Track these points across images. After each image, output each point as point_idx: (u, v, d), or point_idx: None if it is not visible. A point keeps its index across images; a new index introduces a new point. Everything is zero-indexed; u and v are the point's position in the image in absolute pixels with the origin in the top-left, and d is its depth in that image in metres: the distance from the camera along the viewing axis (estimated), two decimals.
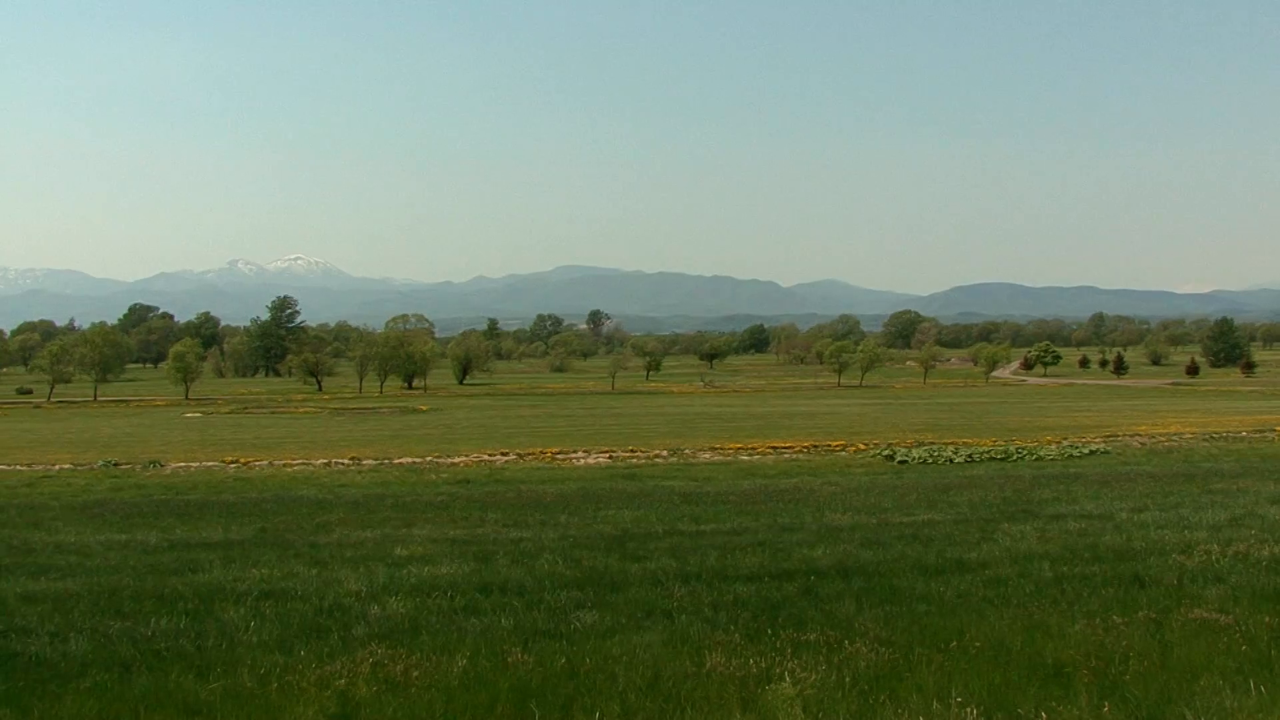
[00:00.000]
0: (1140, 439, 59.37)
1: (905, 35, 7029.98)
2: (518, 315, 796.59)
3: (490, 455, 54.48)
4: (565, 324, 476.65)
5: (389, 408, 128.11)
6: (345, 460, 52.51)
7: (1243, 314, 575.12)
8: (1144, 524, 20.15)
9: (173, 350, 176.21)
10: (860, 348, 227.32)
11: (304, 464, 51.31)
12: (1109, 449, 52.82)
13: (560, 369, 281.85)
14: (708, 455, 53.66)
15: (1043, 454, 50.18)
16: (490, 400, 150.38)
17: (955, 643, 10.65)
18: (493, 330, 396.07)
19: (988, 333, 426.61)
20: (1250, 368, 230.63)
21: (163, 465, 51.10)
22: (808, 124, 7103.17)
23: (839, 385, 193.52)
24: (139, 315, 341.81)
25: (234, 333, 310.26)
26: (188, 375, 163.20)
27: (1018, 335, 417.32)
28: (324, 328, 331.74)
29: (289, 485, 41.40)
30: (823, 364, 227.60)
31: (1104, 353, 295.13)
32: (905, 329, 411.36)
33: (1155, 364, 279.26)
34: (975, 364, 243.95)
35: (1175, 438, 59.42)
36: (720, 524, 22.27)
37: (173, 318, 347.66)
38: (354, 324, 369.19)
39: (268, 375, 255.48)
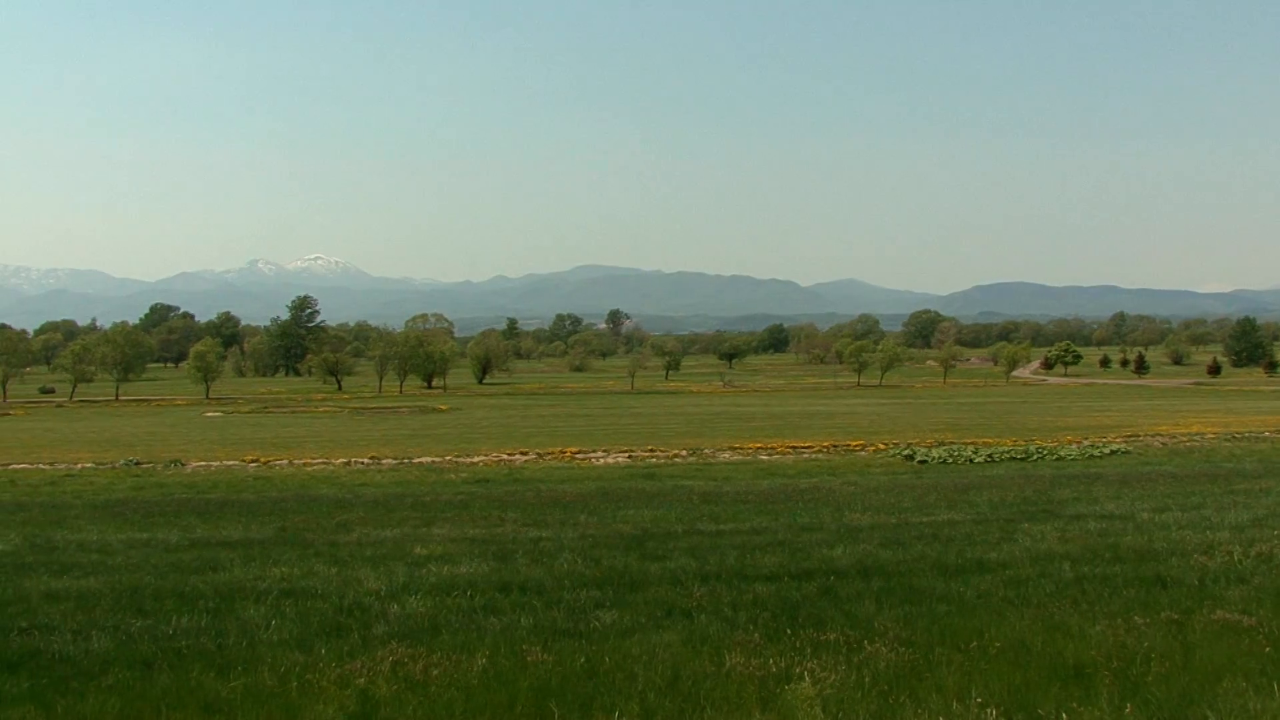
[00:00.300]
0: (1162, 439, 59.12)
1: (925, 33, 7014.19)
2: (537, 315, 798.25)
3: (509, 455, 54.53)
4: (584, 323, 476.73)
5: (408, 407, 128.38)
6: (365, 459, 52.62)
7: (1265, 313, 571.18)
8: (1165, 524, 20.04)
9: (193, 350, 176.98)
10: (880, 347, 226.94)
11: (324, 463, 51.45)
12: (1130, 449, 52.61)
13: (579, 368, 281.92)
14: (727, 455, 53.62)
15: (1063, 454, 49.99)
16: (509, 400, 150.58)
17: (975, 643, 10.62)
18: (512, 330, 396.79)
19: (1008, 332, 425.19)
20: (1273, 367, 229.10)
21: (183, 464, 51.30)
22: (827, 123, 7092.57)
23: (858, 385, 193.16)
24: (160, 315, 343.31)
25: (254, 332, 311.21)
26: (208, 375, 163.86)
27: (1038, 335, 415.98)
28: (344, 327, 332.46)
29: (309, 484, 41.51)
30: (842, 364, 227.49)
31: (1125, 352, 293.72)
32: (925, 328, 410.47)
33: (1177, 364, 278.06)
34: (995, 363, 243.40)
35: (1197, 438, 59.14)
36: (739, 524, 22.22)
37: (193, 317, 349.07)
38: (374, 323, 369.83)
39: (288, 375, 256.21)
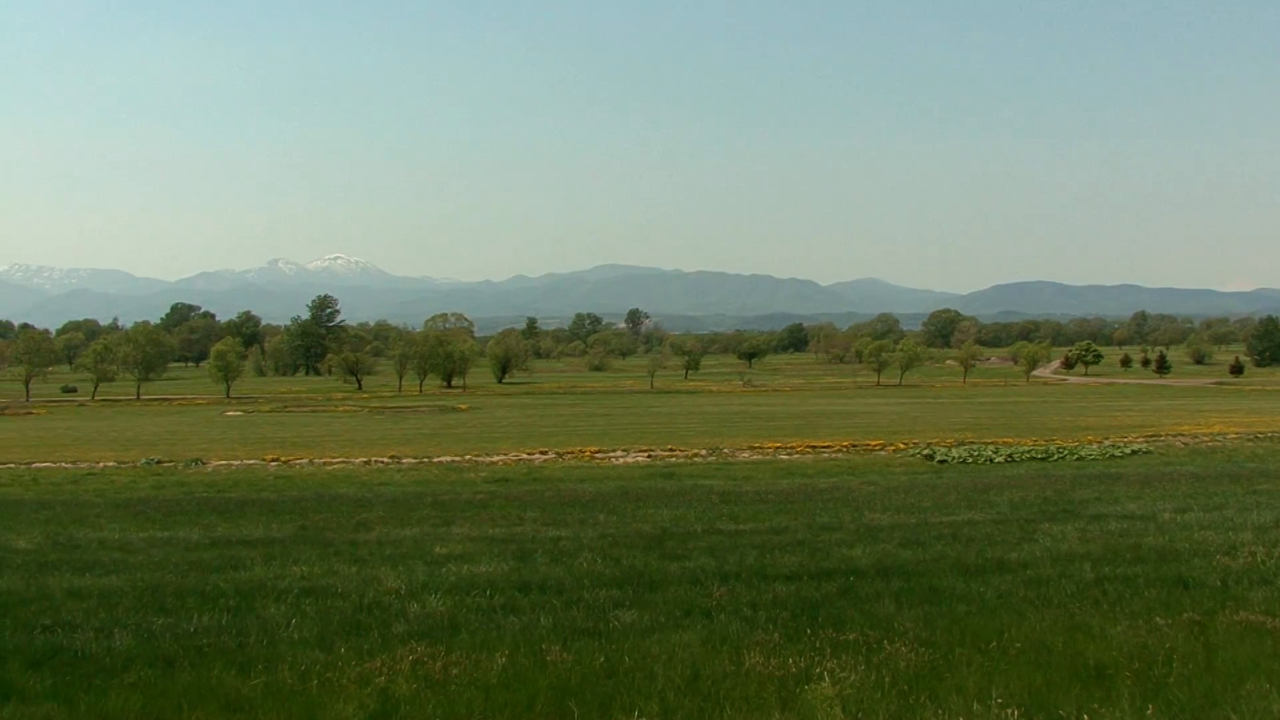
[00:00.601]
0: (1183, 439, 58.89)
1: (945, 32, 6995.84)
2: (557, 314, 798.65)
3: (529, 454, 54.62)
4: (604, 323, 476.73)
5: (428, 406, 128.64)
6: (385, 459, 52.76)
7: None
8: (1187, 525, 19.96)
9: (214, 349, 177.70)
10: (899, 347, 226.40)
11: (344, 462, 51.60)
12: (1151, 449, 52.43)
13: (599, 368, 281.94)
14: (746, 454, 53.61)
15: (1084, 454, 49.84)
16: (529, 399, 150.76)
17: (995, 643, 10.59)
18: (532, 329, 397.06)
19: (1028, 332, 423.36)
20: None
21: (204, 463, 51.51)
22: (849, 123, 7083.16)
23: (878, 384, 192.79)
24: (181, 314, 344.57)
25: (274, 332, 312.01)
26: (229, 374, 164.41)
27: (1058, 334, 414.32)
28: (364, 327, 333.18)
29: (329, 483, 41.64)
30: (862, 363, 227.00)
31: (1146, 352, 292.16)
32: (945, 328, 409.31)
33: (1198, 363, 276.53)
34: (1015, 363, 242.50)
35: (1219, 438, 58.89)
36: (759, 523, 22.22)
37: (214, 317, 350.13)
38: (394, 323, 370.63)
39: (308, 374, 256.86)
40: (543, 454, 54.47)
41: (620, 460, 51.31)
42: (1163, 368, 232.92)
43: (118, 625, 12.33)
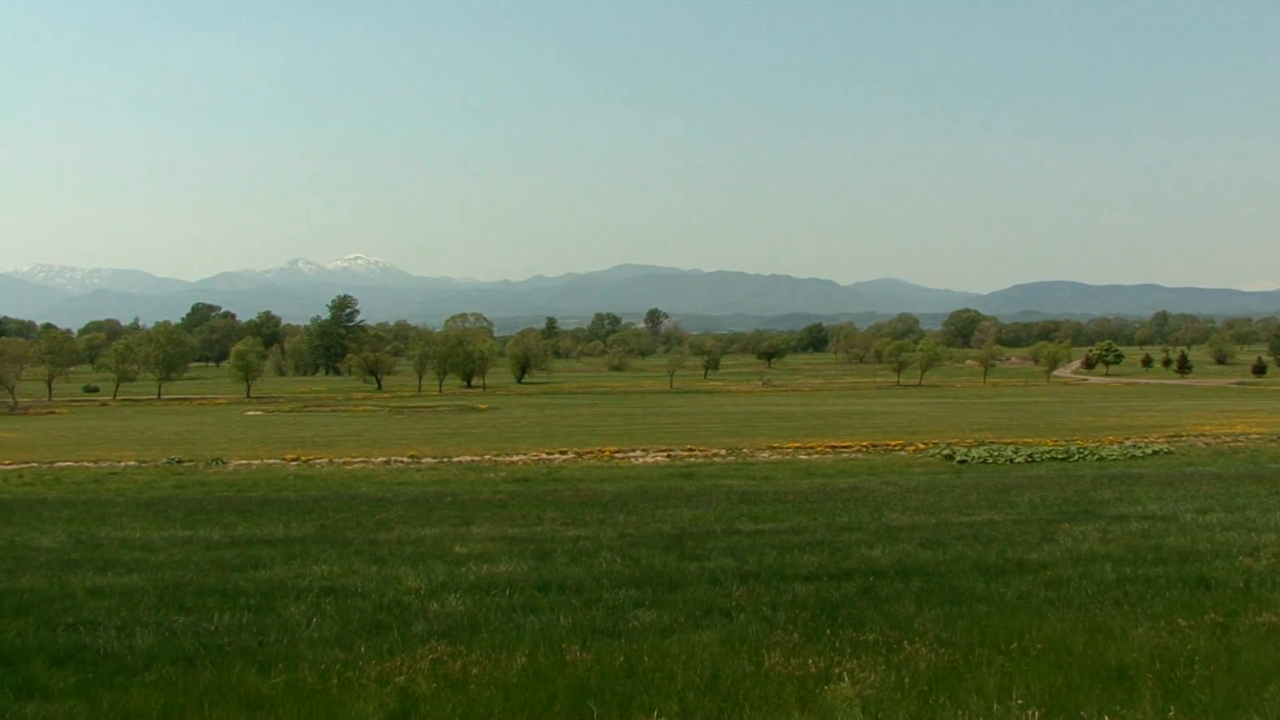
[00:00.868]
0: (1205, 439, 58.64)
1: (965, 32, 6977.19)
2: (576, 314, 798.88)
3: (548, 454, 54.67)
4: (623, 323, 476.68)
5: (448, 406, 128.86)
6: (404, 458, 52.87)
7: None
8: (1209, 525, 19.87)
9: (234, 349, 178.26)
10: (919, 347, 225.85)
11: (364, 462, 51.72)
12: (1172, 449, 52.22)
13: (618, 368, 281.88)
14: (766, 454, 53.57)
15: (1104, 454, 49.67)
16: (548, 399, 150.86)
17: (1016, 644, 10.56)
18: (551, 329, 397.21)
19: (1048, 331, 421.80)
20: None
21: (225, 463, 51.69)
22: (868, 122, 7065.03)
23: (898, 384, 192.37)
24: (201, 314, 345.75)
25: (295, 332, 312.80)
26: (249, 374, 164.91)
27: (1079, 334, 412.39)
28: (383, 327, 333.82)
29: (349, 483, 41.73)
30: (881, 363, 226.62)
31: (1167, 352, 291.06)
32: (965, 328, 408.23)
33: (1220, 363, 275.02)
34: (1036, 363, 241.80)
35: (1241, 438, 58.62)
36: (778, 523, 22.20)
37: (234, 317, 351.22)
38: (413, 323, 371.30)
39: (328, 374, 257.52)
40: (562, 454, 54.51)
41: (640, 460, 51.31)
42: (1184, 368, 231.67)
43: (139, 624, 12.39)
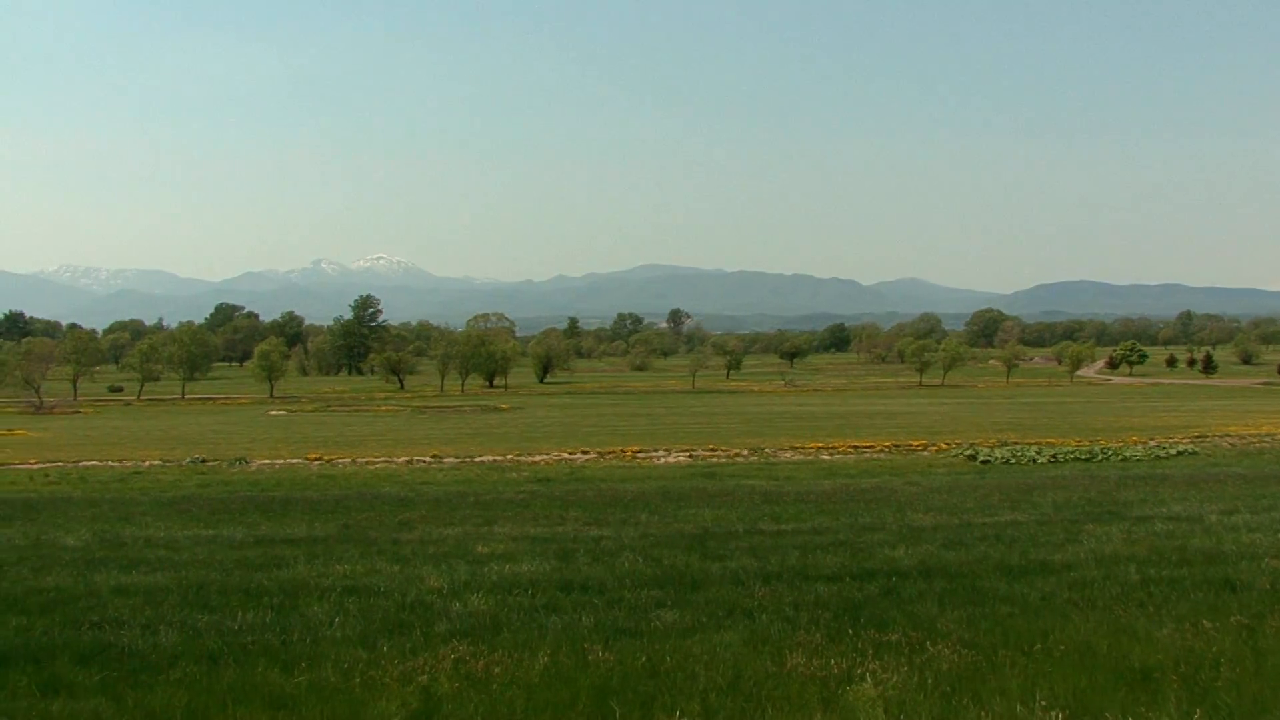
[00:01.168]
0: (1230, 440, 58.31)
1: (986, 32, 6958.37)
2: (598, 314, 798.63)
3: (570, 453, 54.71)
4: (646, 323, 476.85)
5: (470, 406, 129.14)
6: (427, 458, 52.96)
7: None
8: (1235, 527, 19.75)
9: (258, 349, 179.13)
10: (942, 347, 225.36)
11: (386, 461, 51.83)
12: (1197, 450, 51.92)
13: (641, 368, 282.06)
14: (788, 454, 53.48)
15: (1128, 454, 49.42)
16: (571, 399, 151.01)
17: (1039, 645, 10.51)
18: (573, 329, 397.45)
19: (1072, 331, 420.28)
20: None
21: (248, 462, 51.88)
22: (891, 122, 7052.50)
23: (920, 384, 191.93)
24: (225, 314, 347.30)
25: (318, 332, 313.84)
26: (272, 373, 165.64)
27: (1102, 334, 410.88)
28: (406, 327, 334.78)
29: (371, 482, 41.82)
30: (904, 363, 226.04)
31: (1192, 352, 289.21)
32: (988, 328, 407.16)
33: (1246, 363, 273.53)
34: (1059, 363, 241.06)
35: (1267, 439, 58.28)
36: (801, 523, 22.15)
37: (258, 317, 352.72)
38: (436, 323, 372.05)
39: (351, 374, 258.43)
40: (584, 454, 54.54)
41: (662, 460, 51.28)
42: (1209, 368, 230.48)
43: (163, 622, 12.44)
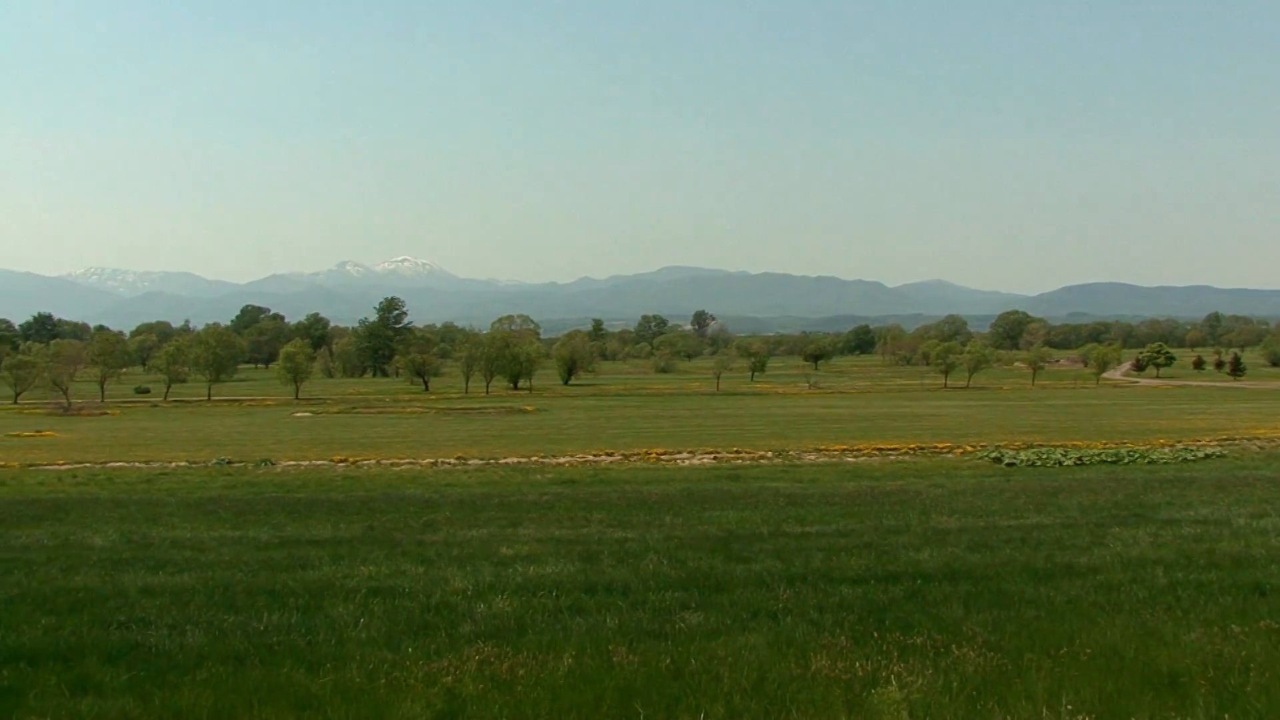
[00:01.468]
0: (1259, 443, 57.94)
1: (1010, 34, 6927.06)
2: (622, 316, 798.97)
3: (595, 455, 54.71)
4: (670, 325, 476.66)
5: (495, 408, 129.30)
6: (452, 460, 53.04)
7: None
8: (1263, 530, 19.65)
9: (283, 351, 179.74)
10: (967, 349, 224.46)
11: (411, 463, 51.92)
12: (1225, 453, 51.57)
13: (665, 370, 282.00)
14: (812, 456, 53.37)
15: (1155, 457, 49.13)
16: (595, 401, 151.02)
17: (1065, 649, 10.48)
18: (598, 331, 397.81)
19: (1098, 333, 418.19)
20: None
21: (273, 463, 52.05)
22: (916, 123, 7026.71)
23: (945, 386, 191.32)
24: (251, 316, 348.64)
25: (343, 333, 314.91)
26: (298, 375, 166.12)
27: (1129, 336, 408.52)
28: (431, 328, 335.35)
29: (396, 484, 41.88)
30: (929, 365, 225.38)
31: (1220, 354, 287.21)
32: (1013, 329, 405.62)
33: (1275, 365, 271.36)
34: (1085, 365, 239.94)
35: None
36: (825, 526, 22.12)
37: (283, 319, 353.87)
38: (460, 325, 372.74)
39: (376, 375, 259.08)
40: (608, 455, 54.54)
41: (686, 462, 51.24)
42: (1237, 370, 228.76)
43: (190, 622, 12.52)
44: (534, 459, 53.12)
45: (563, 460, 52.27)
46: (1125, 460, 48.31)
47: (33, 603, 13.88)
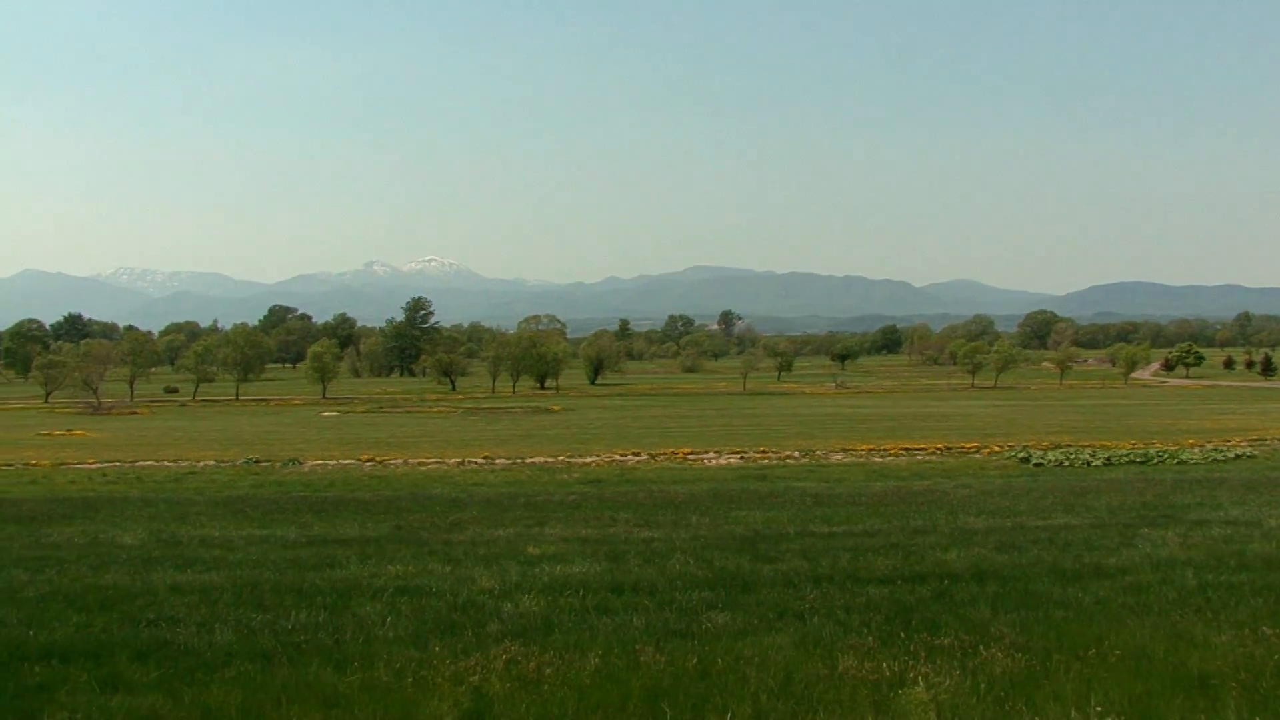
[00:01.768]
0: None
1: (1040, 31, 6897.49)
2: (649, 316, 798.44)
3: (621, 455, 54.73)
4: (696, 324, 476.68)
5: (521, 408, 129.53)
6: (478, 459, 53.14)
7: None
8: None
9: (311, 350, 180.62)
10: (994, 348, 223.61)
11: (438, 463, 52.03)
12: (1256, 453, 51.21)
13: (691, 369, 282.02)
14: (839, 456, 53.26)
15: (1184, 457, 48.83)
16: (622, 400, 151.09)
17: (1094, 650, 10.42)
18: (624, 331, 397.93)
19: (1126, 333, 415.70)
20: None
21: (301, 463, 52.25)
22: (943, 122, 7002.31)
23: (973, 386, 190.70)
24: (278, 316, 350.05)
25: (370, 333, 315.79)
26: (325, 375, 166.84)
27: (1158, 335, 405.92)
28: (457, 328, 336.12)
29: (423, 483, 41.99)
30: (956, 365, 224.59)
31: (1250, 353, 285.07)
32: (1041, 329, 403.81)
33: None
34: (1113, 365, 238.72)
35: None
36: (852, 526, 22.07)
37: (311, 318, 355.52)
38: (487, 325, 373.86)
39: (403, 375, 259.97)
40: (635, 455, 54.55)
41: (712, 462, 51.22)
42: (1268, 370, 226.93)
43: (218, 621, 12.58)
44: (560, 459, 53.15)
45: (589, 460, 52.29)
46: (1154, 460, 48.04)
47: (64, 600, 13.97)
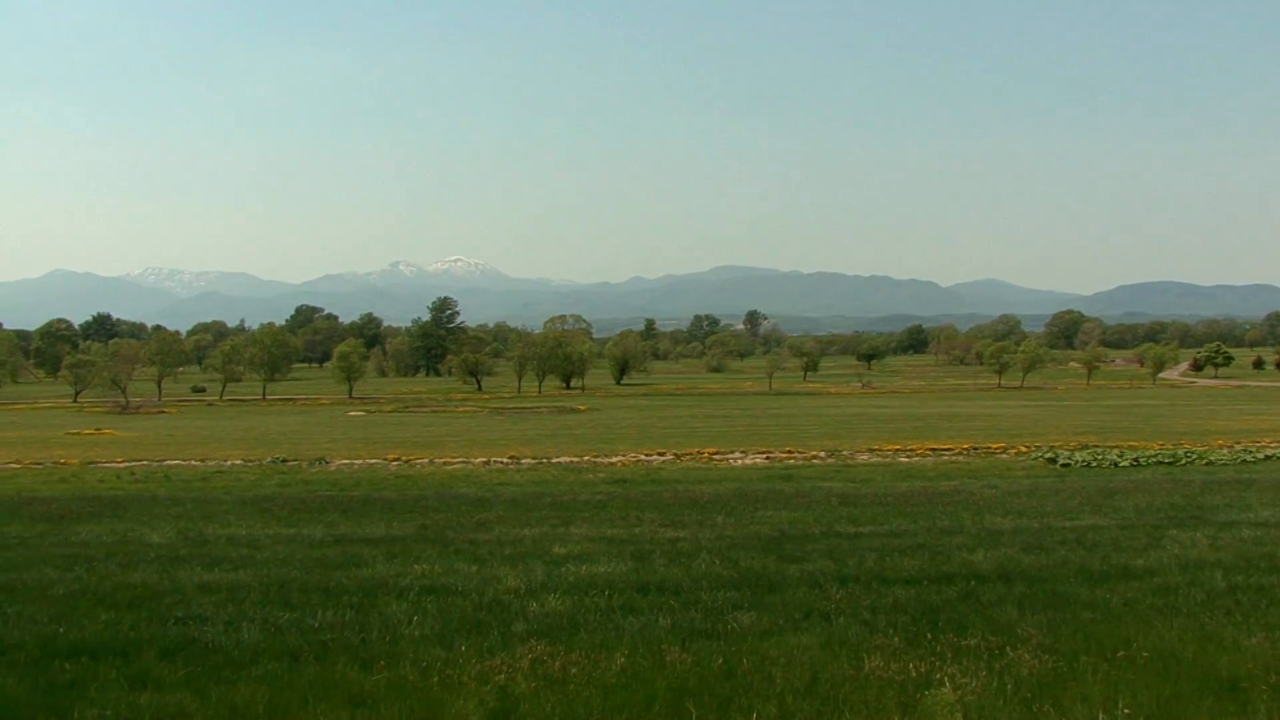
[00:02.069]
0: None
1: (1066, 29, 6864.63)
2: (675, 315, 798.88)
3: (647, 455, 54.68)
4: (722, 324, 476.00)
5: (547, 407, 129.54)
6: (504, 459, 53.18)
7: None
8: None
9: (337, 350, 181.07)
10: (1021, 348, 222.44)
11: (464, 462, 52.09)
12: None
13: (717, 369, 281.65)
14: (865, 456, 53.10)
15: (1214, 458, 48.48)
16: (647, 400, 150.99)
17: (1122, 652, 10.38)
18: (650, 330, 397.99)
19: (1154, 333, 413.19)
20: None
21: (327, 462, 52.38)
22: (966, 120, 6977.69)
23: (999, 386, 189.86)
24: (305, 316, 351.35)
25: (396, 333, 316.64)
26: (351, 374, 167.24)
27: (1186, 336, 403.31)
28: (483, 328, 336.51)
29: (449, 483, 42.04)
30: (983, 365, 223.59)
31: None
32: (1068, 329, 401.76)
33: None
34: (1141, 365, 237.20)
35: None
36: (878, 526, 22.03)
37: (337, 318, 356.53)
38: (512, 324, 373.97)
39: (428, 375, 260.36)
40: (661, 455, 54.49)
41: (738, 462, 51.13)
42: None
43: (245, 619, 12.66)
44: (586, 458, 53.14)
45: (615, 459, 52.27)
46: (1182, 461, 47.71)
47: (93, 598, 14.09)
